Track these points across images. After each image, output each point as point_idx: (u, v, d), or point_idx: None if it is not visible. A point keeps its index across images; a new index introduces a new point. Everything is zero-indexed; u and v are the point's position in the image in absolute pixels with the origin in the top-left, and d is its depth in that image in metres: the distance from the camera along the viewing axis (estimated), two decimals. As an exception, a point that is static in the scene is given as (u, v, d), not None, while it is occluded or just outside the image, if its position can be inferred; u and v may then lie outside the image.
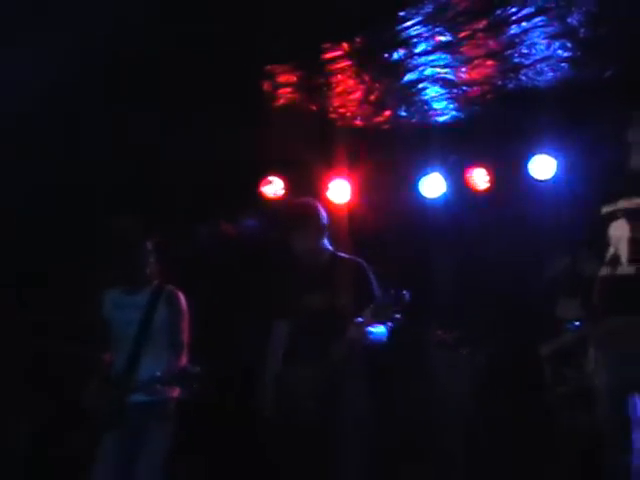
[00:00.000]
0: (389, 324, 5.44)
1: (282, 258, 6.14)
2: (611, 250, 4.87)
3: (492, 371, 7.95)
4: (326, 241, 5.88)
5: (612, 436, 4.81)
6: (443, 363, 8.19)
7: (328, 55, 6.64)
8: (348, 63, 6.76)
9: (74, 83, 6.29)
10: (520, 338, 7.75)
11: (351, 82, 7.13)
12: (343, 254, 5.90)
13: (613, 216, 4.90)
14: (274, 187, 8.45)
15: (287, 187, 8.41)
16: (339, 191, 8.35)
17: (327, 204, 8.15)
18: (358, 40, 6.39)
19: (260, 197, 8.46)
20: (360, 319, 5.47)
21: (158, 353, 5.75)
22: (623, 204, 4.86)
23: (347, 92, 7.33)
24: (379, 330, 5.51)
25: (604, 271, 4.88)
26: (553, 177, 7.87)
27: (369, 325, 5.45)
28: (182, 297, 5.93)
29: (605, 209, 4.96)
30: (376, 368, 5.86)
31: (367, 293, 5.64)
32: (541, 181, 7.90)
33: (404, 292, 5.27)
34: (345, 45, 6.48)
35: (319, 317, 5.61)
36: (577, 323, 7.31)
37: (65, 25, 5.56)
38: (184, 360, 5.72)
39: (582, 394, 7.00)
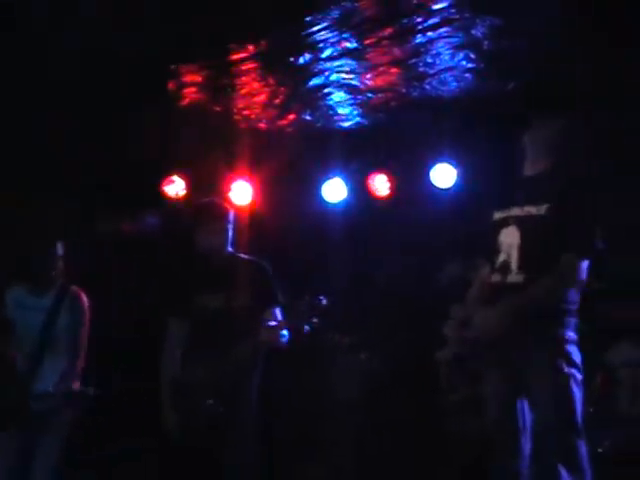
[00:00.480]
0: (306, 327, 5.47)
1: (181, 257, 6.13)
2: (501, 257, 4.91)
3: (389, 375, 8.01)
4: (230, 242, 5.88)
5: (501, 441, 4.87)
6: (341, 367, 8.23)
7: (233, 57, 6.60)
8: (253, 65, 6.73)
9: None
10: (418, 343, 7.81)
11: (256, 84, 7.11)
12: (244, 255, 5.91)
13: (505, 223, 4.94)
14: (176, 187, 8.40)
15: (189, 187, 8.37)
16: (241, 192, 8.34)
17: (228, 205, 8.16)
18: (264, 43, 6.36)
19: (162, 196, 8.40)
20: (272, 322, 5.52)
21: (59, 357, 5.79)
22: (515, 212, 4.92)
23: (252, 94, 7.31)
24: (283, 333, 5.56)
25: (494, 278, 4.93)
26: (454, 185, 7.95)
27: (280, 328, 5.51)
28: (85, 300, 5.95)
29: (497, 215, 5.01)
30: (276, 371, 5.90)
31: (268, 294, 5.70)
32: (442, 189, 7.98)
33: (321, 297, 5.34)
34: (251, 47, 6.44)
35: (218, 316, 5.64)
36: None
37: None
38: (80, 364, 5.73)
39: (474, 399, 7.10)
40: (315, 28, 6.11)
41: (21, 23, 5.86)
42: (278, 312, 5.69)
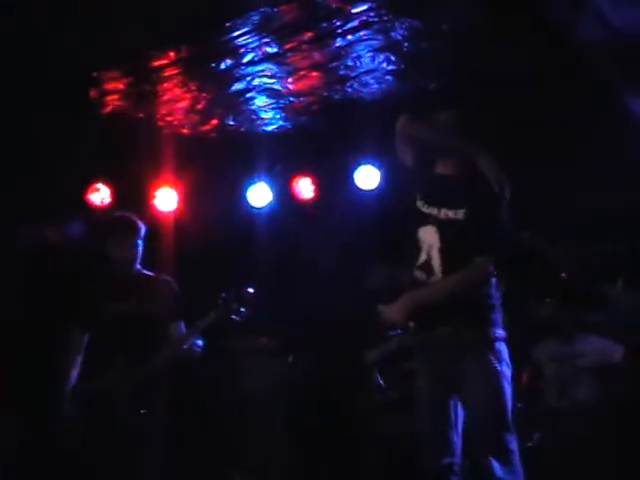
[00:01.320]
0: (234, 317, 5.51)
1: (93, 266, 6.15)
2: (423, 256, 4.96)
3: (315, 378, 8.03)
4: (140, 256, 5.93)
5: (432, 439, 4.91)
6: (264, 370, 8.23)
7: (155, 63, 6.59)
8: (175, 71, 6.72)
9: None
10: (345, 345, 7.85)
11: (178, 91, 7.10)
12: (150, 272, 6.00)
13: (423, 220, 4.98)
14: (101, 195, 8.35)
15: (113, 195, 8.32)
16: (166, 199, 8.31)
17: (154, 212, 8.13)
18: (184, 49, 6.37)
19: (87, 205, 8.34)
20: (183, 330, 5.59)
21: None
22: (434, 211, 4.96)
23: (174, 100, 7.29)
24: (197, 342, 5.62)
25: (418, 275, 4.96)
26: (378, 187, 8.01)
27: (192, 336, 5.56)
28: None
29: (416, 209, 5.04)
30: (190, 378, 5.94)
31: (174, 308, 5.79)
32: (366, 191, 8.04)
33: (247, 288, 5.38)
34: (172, 53, 6.44)
35: (127, 325, 5.72)
36: (399, 330, 7.47)
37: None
38: None
39: (403, 399, 7.16)
40: (235, 33, 6.12)
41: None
42: (183, 326, 5.82)
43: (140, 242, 5.92)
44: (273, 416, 8.04)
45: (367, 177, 8.00)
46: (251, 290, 5.46)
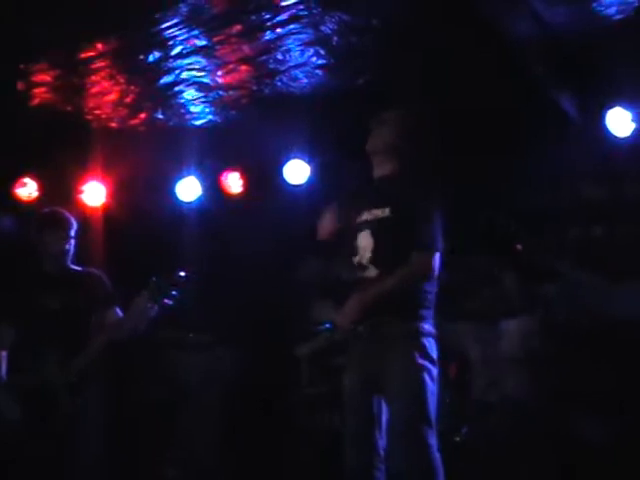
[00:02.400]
0: (167, 301, 5.49)
1: (22, 261, 6.11)
2: (357, 258, 5.03)
3: (244, 371, 8.05)
4: (71, 251, 5.89)
5: (354, 436, 4.95)
6: (195, 363, 8.22)
7: (83, 55, 6.55)
8: (103, 64, 6.67)
9: None
10: (276, 339, 7.87)
11: (106, 83, 7.05)
12: (79, 268, 5.97)
13: (360, 228, 5.07)
14: (28, 189, 8.28)
15: (41, 189, 8.25)
16: (94, 193, 8.26)
17: (82, 206, 8.07)
18: (113, 41, 6.33)
19: (14, 199, 8.26)
20: (120, 314, 5.58)
21: None
22: (366, 216, 5.06)
23: (102, 93, 7.24)
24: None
25: (355, 275, 5.04)
26: (307, 182, 8.04)
27: (124, 325, 5.55)
28: None
29: (355, 221, 5.12)
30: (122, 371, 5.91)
31: (107, 295, 5.77)
32: (295, 185, 8.05)
33: (180, 272, 5.37)
34: (100, 45, 6.40)
35: (58, 317, 5.67)
36: (329, 325, 7.52)
37: None
38: None
39: (332, 393, 7.21)
40: (164, 25, 6.10)
41: None
42: (119, 310, 5.77)
43: (71, 237, 5.89)
44: (203, 409, 8.03)
45: (296, 171, 8.02)
46: (182, 273, 5.44)
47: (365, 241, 5.03)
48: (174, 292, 5.44)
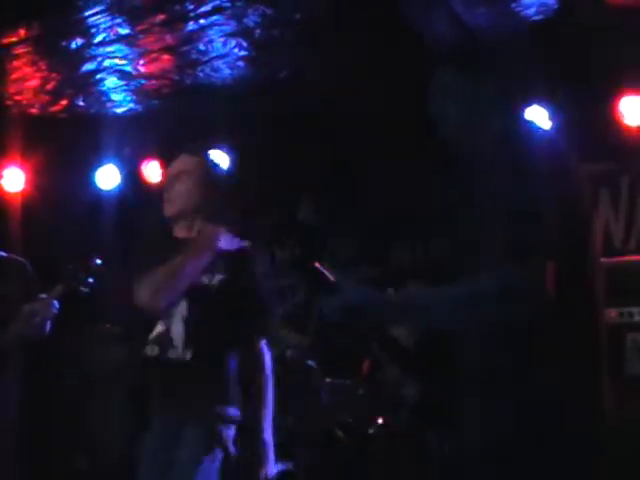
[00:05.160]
0: (82, 289, 5.44)
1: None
2: (159, 327, 4.60)
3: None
4: None
5: None
6: (108, 355, 8.20)
7: (4, 40, 6.51)
8: (25, 50, 6.63)
9: None
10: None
11: (28, 69, 7.01)
12: (2, 253, 5.92)
13: None
14: (-54, 175, 8.21)
15: (-41, 175, 8.19)
16: (13, 179, 8.21)
17: (0, 192, 8.03)
18: (35, 26, 6.30)
19: None
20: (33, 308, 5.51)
21: None
22: None
23: (23, 79, 7.20)
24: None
25: (147, 352, 4.64)
26: (228, 171, 8.09)
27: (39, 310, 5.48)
28: None
29: None
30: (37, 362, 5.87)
31: (26, 286, 5.70)
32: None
33: (94, 258, 5.32)
34: (22, 31, 6.37)
35: None
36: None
37: None
38: None
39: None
40: (87, 12, 6.09)
41: None
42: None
43: None
44: (115, 401, 8.02)
45: (217, 161, 8.06)
46: (98, 261, 5.39)
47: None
48: (90, 280, 5.41)
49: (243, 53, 6.87)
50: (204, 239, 4.49)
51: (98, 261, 5.26)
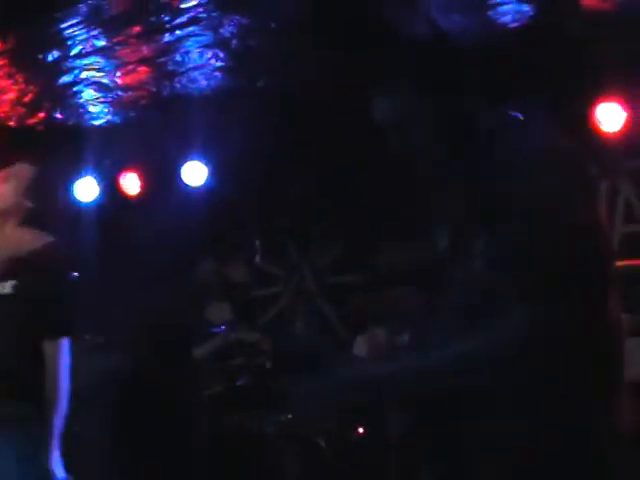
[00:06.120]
0: None
1: None
2: None
3: (135, 376, 7.98)
4: None
5: None
6: (90, 366, 8.15)
7: (-20, 53, 6.51)
8: (1, 62, 6.62)
9: None
10: (171, 341, 7.86)
11: (4, 82, 7.00)
12: None
13: None
14: None
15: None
16: (-10, 192, 8.17)
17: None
18: (12, 39, 6.29)
19: None
20: None
21: None
22: None
23: (1, 92, 7.19)
24: None
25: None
26: (205, 183, 8.09)
27: None
28: None
29: None
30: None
31: None
32: (193, 187, 8.10)
33: (71, 272, 5.29)
34: (-2, 43, 6.38)
35: None
36: (223, 327, 7.57)
37: None
38: None
39: (230, 394, 7.27)
40: (64, 25, 6.09)
41: None
42: None
43: None
44: (95, 413, 7.96)
45: (194, 173, 8.06)
46: (75, 274, 5.36)
47: None
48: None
49: (220, 64, 6.88)
50: None
51: (75, 274, 5.22)
